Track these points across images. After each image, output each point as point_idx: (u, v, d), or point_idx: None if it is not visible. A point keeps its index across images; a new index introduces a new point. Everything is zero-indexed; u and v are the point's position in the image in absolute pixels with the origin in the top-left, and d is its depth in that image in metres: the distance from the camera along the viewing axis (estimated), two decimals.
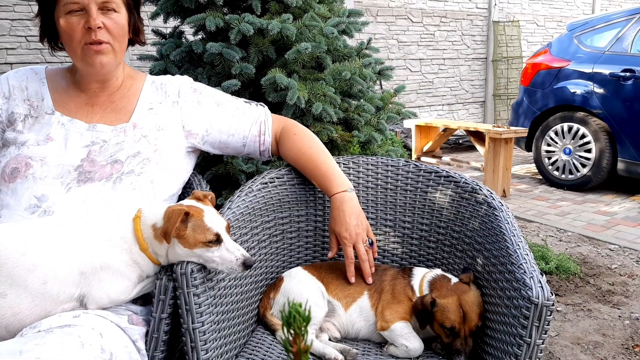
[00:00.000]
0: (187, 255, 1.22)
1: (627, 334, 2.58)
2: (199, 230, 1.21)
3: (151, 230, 1.23)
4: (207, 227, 1.21)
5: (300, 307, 0.44)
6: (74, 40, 1.37)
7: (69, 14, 1.36)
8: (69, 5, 1.35)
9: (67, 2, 1.35)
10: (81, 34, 1.36)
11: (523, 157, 7.22)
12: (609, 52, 5.18)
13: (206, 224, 1.22)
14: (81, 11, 1.36)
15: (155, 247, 1.24)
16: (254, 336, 1.51)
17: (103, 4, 1.37)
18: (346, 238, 1.55)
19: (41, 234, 1.20)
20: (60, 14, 1.37)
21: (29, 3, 4.68)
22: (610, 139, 5.07)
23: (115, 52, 1.43)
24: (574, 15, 9.58)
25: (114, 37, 1.41)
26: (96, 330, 1.13)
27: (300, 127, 1.70)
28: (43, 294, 1.15)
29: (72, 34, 1.36)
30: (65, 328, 1.10)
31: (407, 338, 1.43)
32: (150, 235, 1.23)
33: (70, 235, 1.21)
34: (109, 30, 1.39)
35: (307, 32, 2.30)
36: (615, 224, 4.33)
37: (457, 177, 1.70)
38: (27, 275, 1.14)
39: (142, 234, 1.23)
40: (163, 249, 1.23)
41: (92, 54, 1.38)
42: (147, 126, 1.50)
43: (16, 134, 1.42)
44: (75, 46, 1.38)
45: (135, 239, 1.23)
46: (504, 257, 1.37)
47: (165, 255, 1.25)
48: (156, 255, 1.25)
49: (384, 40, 7.43)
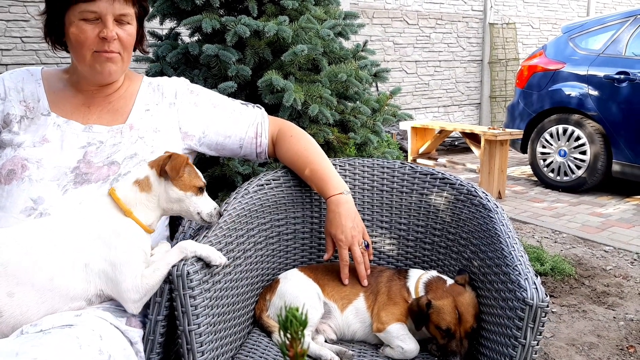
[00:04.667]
0: (177, 199, 1.31)
1: (622, 335, 2.60)
2: (193, 176, 1.34)
3: (136, 187, 1.29)
4: (198, 175, 1.36)
5: (297, 311, 0.44)
6: (84, 46, 1.37)
7: (83, 21, 1.36)
8: (85, 14, 1.35)
9: (83, 10, 1.34)
10: (94, 41, 1.37)
11: (518, 159, 7.24)
12: (604, 55, 5.21)
13: (197, 172, 1.36)
14: (96, 20, 1.36)
15: (143, 200, 1.28)
16: (250, 338, 1.51)
17: (120, 17, 1.39)
18: (342, 240, 1.55)
19: (40, 233, 1.21)
20: (73, 19, 1.36)
21: (24, 4, 4.66)
22: (605, 141, 5.09)
23: (123, 61, 1.45)
24: (569, 17, 9.63)
25: (125, 48, 1.43)
26: (96, 331, 1.13)
27: (297, 129, 1.71)
28: (51, 290, 1.16)
29: (84, 41, 1.37)
30: (66, 328, 1.10)
31: (402, 339, 1.43)
32: (134, 191, 1.28)
33: (67, 230, 1.22)
34: (121, 41, 1.40)
35: (304, 34, 2.31)
36: (610, 226, 4.35)
37: (452, 179, 1.71)
38: (33, 272, 1.15)
39: (122, 201, 1.27)
40: (153, 198, 1.29)
41: (102, 61, 1.40)
42: (143, 127, 1.50)
43: (12, 135, 1.42)
44: (85, 52, 1.38)
45: (116, 209, 1.27)
46: (499, 259, 1.37)
47: (156, 205, 1.30)
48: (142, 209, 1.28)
49: (379, 42, 7.45)
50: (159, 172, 1.30)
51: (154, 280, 1.22)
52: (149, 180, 1.30)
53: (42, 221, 1.26)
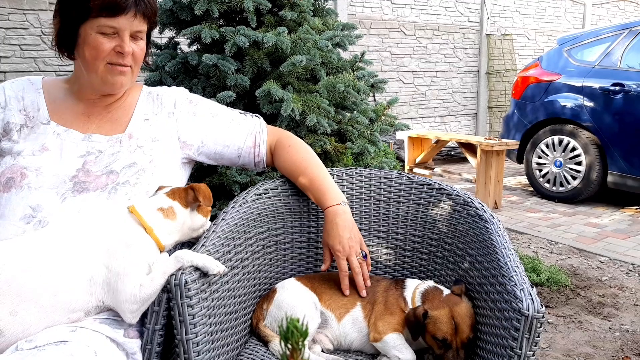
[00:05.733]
0: (200, 224, 1.45)
1: (618, 346, 2.60)
2: (208, 203, 1.46)
3: (160, 214, 1.35)
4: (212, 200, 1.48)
5: (298, 322, 0.45)
6: (99, 58, 1.40)
7: (101, 34, 1.38)
8: (104, 28, 1.37)
9: (103, 24, 1.36)
10: (109, 54, 1.40)
11: (514, 169, 7.28)
12: (599, 66, 5.26)
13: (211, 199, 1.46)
14: (114, 35, 1.39)
15: (166, 225, 1.34)
16: (246, 347, 1.51)
17: (135, 33, 1.42)
18: (339, 251, 1.56)
19: (41, 246, 1.21)
20: (90, 31, 1.38)
21: (23, 12, 4.68)
22: (600, 151, 5.13)
23: (133, 74, 1.48)
24: (564, 29, 9.72)
25: (136, 62, 1.47)
26: (91, 347, 1.13)
27: (295, 139, 1.72)
28: (54, 305, 1.16)
29: (99, 53, 1.39)
30: (60, 345, 1.10)
31: (399, 349, 1.44)
32: (158, 218, 1.34)
33: (71, 243, 1.22)
34: (134, 56, 1.44)
35: (302, 45, 2.33)
36: (606, 236, 4.37)
37: (449, 189, 1.72)
38: (37, 290, 1.15)
39: (144, 219, 1.31)
40: (177, 225, 1.37)
41: (116, 73, 1.43)
42: (142, 137, 1.51)
43: (12, 143, 1.43)
44: (99, 63, 1.40)
45: (137, 225, 1.30)
46: (495, 269, 1.38)
47: (178, 231, 1.38)
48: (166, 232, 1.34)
49: (377, 53, 7.50)
50: (186, 204, 1.39)
51: (151, 290, 1.22)
52: (174, 210, 1.37)
53: (45, 233, 1.26)
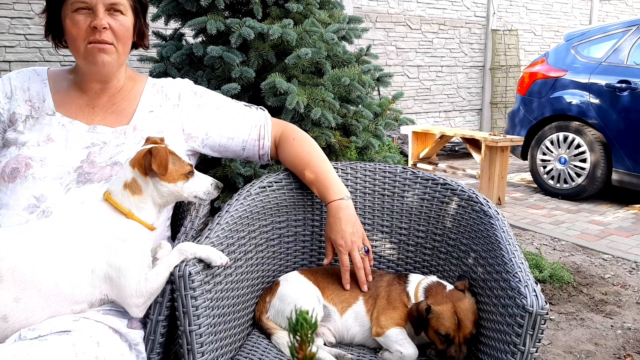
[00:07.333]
0: (169, 192, 1.30)
1: (619, 344, 2.60)
2: (178, 164, 1.30)
3: (127, 191, 1.26)
4: (182, 160, 1.32)
5: (307, 313, 0.45)
6: (78, 38, 1.38)
7: (76, 12, 1.37)
8: (77, 4, 1.37)
9: (74, 0, 1.36)
10: (86, 32, 1.38)
11: (518, 166, 7.25)
12: (606, 63, 5.22)
13: (179, 157, 1.32)
14: (88, 10, 1.37)
15: (138, 202, 1.27)
16: (249, 340, 1.51)
17: (110, 5, 1.39)
18: (342, 245, 1.56)
19: (43, 236, 1.21)
20: (67, 12, 1.39)
21: (28, 1, 4.68)
22: (606, 149, 5.11)
23: (118, 53, 1.44)
24: (571, 25, 9.65)
25: (118, 39, 1.42)
26: (93, 338, 1.13)
27: (300, 132, 1.71)
28: (57, 295, 1.17)
29: (78, 32, 1.38)
30: (63, 335, 1.11)
31: (401, 344, 1.44)
32: (127, 196, 1.26)
33: (73, 234, 1.22)
34: (114, 31, 1.40)
35: (308, 38, 2.32)
36: (609, 234, 4.35)
37: (454, 185, 1.71)
38: (40, 278, 1.15)
39: (120, 204, 1.26)
40: (147, 199, 1.27)
41: (95, 51, 1.40)
42: (147, 129, 1.50)
43: (17, 134, 1.43)
44: (79, 44, 1.39)
45: (116, 212, 1.26)
46: (499, 265, 1.38)
47: (152, 204, 1.28)
48: (141, 209, 1.27)
49: (382, 47, 7.46)
50: (144, 172, 1.27)
51: (156, 284, 1.23)
52: (137, 182, 1.28)
53: (47, 223, 1.26)
